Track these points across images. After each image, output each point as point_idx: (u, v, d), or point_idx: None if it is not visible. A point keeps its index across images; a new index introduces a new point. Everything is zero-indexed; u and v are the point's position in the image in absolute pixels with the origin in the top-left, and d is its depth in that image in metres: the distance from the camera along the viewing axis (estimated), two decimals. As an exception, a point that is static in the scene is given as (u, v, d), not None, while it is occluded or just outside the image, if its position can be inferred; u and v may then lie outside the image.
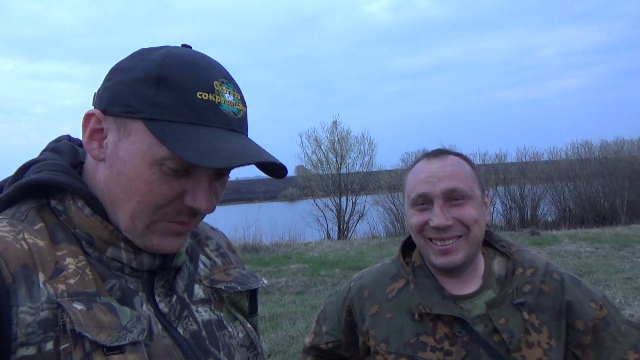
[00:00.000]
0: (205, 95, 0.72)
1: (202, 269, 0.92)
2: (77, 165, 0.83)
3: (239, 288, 0.92)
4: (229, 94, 0.76)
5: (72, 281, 0.71)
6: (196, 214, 0.79)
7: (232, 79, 0.80)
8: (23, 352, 0.64)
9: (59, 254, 0.73)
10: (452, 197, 1.20)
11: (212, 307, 0.87)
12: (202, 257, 0.94)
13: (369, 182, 23.05)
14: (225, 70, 0.80)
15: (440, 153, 1.27)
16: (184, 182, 0.75)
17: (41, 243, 0.72)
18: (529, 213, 20.00)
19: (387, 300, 1.31)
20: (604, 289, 6.40)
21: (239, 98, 0.79)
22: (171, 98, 0.71)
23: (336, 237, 20.43)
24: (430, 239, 1.21)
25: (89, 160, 0.80)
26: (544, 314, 1.19)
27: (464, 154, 1.31)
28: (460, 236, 1.19)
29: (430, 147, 1.34)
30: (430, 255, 1.23)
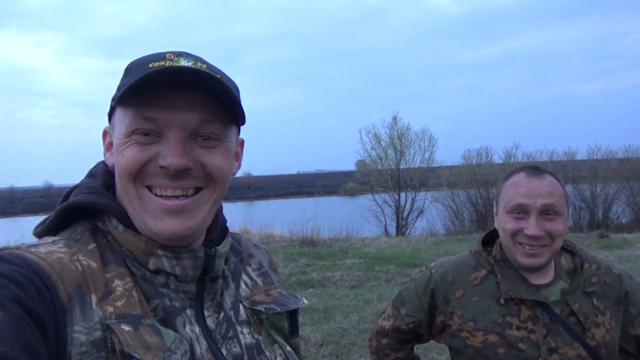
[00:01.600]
0: (156, 64, 0.77)
1: (243, 289, 0.93)
2: (112, 185, 0.86)
3: (278, 309, 0.92)
4: (186, 61, 0.79)
5: (119, 303, 0.73)
6: (178, 177, 0.78)
7: (199, 57, 0.83)
8: None
9: (108, 275, 0.76)
10: (547, 212, 1.42)
11: (252, 330, 0.88)
12: (244, 277, 0.96)
13: (429, 178, 22.69)
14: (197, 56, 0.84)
15: (539, 172, 1.49)
16: (156, 147, 0.78)
17: (94, 265, 0.75)
18: (600, 214, 18.90)
19: (472, 286, 1.54)
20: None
21: (202, 65, 0.81)
22: (130, 77, 0.77)
23: (394, 233, 20.34)
24: (520, 243, 1.44)
25: (116, 177, 0.83)
26: (608, 300, 1.46)
27: (555, 173, 1.53)
28: (545, 245, 1.42)
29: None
30: (517, 255, 1.46)
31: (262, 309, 0.91)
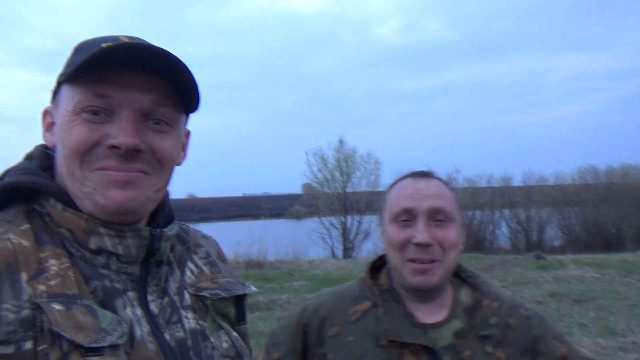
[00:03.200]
0: (110, 44, 0.74)
1: (188, 277, 0.90)
2: (49, 167, 0.84)
3: (223, 294, 0.90)
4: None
5: (52, 282, 0.71)
6: (127, 158, 0.76)
7: (153, 44, 0.81)
8: (3, 350, 0.64)
9: (42, 255, 0.73)
10: (436, 217, 1.20)
11: (197, 316, 0.86)
12: (190, 265, 0.93)
13: (375, 201, 23.05)
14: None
15: (425, 174, 1.28)
16: (106, 128, 0.76)
17: (26, 243, 0.73)
18: (535, 237, 19.88)
19: (350, 322, 1.24)
20: (608, 316, 6.35)
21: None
22: (81, 55, 0.75)
23: (341, 255, 20.37)
24: (410, 260, 1.19)
25: (57, 158, 0.82)
26: (510, 348, 1.18)
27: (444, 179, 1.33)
28: (437, 260, 1.18)
29: (436, 169, 1.36)
30: (405, 274, 1.20)
31: (207, 294, 0.89)
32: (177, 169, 0.88)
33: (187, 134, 0.94)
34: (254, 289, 0.99)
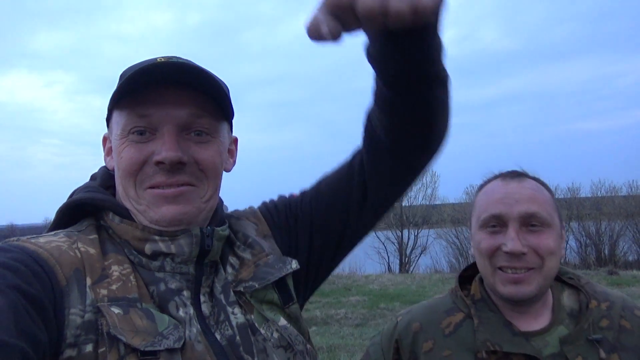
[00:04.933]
0: (144, 66, 0.79)
1: (229, 273, 0.90)
2: (111, 186, 0.90)
3: (257, 285, 0.88)
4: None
5: (114, 287, 0.74)
6: (173, 172, 0.80)
7: (190, 60, 0.85)
8: (69, 353, 0.67)
9: (106, 262, 0.78)
10: (530, 223, 1.09)
11: (244, 311, 0.86)
12: (232, 259, 0.92)
13: (432, 215, 22.58)
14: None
15: (518, 175, 1.17)
16: (151, 146, 0.81)
17: (92, 251, 0.78)
18: (606, 251, 18.65)
19: (444, 335, 1.17)
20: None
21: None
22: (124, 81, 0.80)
23: (398, 270, 20.04)
24: (500, 268, 1.10)
25: (116, 179, 0.87)
26: (626, 353, 1.07)
27: (542, 179, 1.20)
28: (533, 268, 1.08)
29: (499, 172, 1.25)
30: (497, 283, 1.11)
31: (242, 289, 0.87)
32: (234, 179, 0.94)
33: (235, 140, 0.98)
34: (295, 266, 0.93)
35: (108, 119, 0.88)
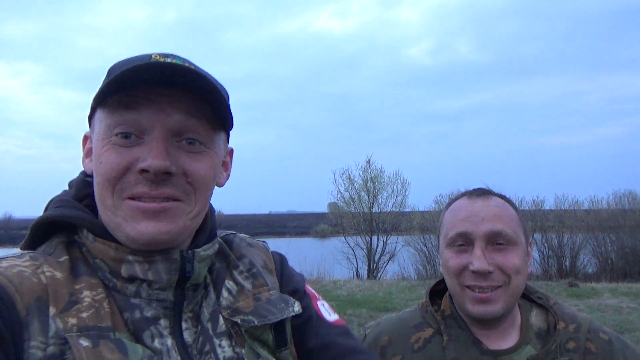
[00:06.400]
0: (138, 64, 0.71)
1: (225, 298, 0.84)
2: (87, 195, 0.82)
3: (256, 322, 0.81)
4: (172, 61, 0.74)
5: (85, 315, 0.69)
6: (158, 183, 0.72)
7: (187, 59, 0.78)
8: None
9: (77, 287, 0.71)
10: (496, 241, 1.10)
11: (234, 343, 0.80)
12: (228, 283, 0.86)
13: (401, 222, 22.78)
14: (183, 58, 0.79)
15: (483, 192, 1.19)
16: (136, 152, 0.72)
17: (59, 275, 0.71)
18: (567, 263, 19.21)
19: (413, 351, 1.17)
20: (647, 348, 6.04)
21: (190, 66, 0.76)
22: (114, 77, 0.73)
23: (365, 276, 20.13)
24: (468, 286, 1.12)
25: (94, 185, 0.79)
26: None
27: (507, 196, 1.22)
28: (499, 286, 1.09)
29: (465, 189, 1.26)
30: (465, 303, 1.12)
31: (239, 321, 0.81)
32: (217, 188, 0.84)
33: (230, 152, 0.90)
34: (297, 309, 0.87)
35: (90, 117, 0.80)
